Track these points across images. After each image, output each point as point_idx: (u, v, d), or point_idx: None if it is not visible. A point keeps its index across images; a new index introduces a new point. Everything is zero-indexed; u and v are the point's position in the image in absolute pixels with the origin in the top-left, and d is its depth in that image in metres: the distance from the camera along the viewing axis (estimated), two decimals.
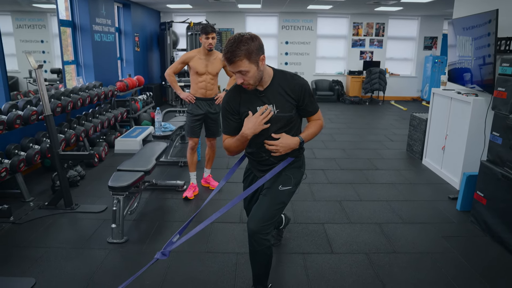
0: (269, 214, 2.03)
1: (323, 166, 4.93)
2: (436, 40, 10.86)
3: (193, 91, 3.81)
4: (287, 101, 1.98)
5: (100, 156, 4.99)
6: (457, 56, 4.42)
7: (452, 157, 4.32)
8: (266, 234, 2.03)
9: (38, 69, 3.31)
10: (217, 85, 3.89)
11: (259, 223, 2.00)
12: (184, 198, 3.88)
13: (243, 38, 1.78)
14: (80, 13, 6.04)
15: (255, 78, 1.87)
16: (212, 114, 3.85)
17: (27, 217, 3.36)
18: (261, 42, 1.85)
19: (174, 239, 2.01)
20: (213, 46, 3.65)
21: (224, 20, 10.66)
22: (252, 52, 1.79)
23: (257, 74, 1.86)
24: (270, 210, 2.04)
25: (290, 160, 2.11)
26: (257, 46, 1.81)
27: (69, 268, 2.63)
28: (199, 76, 3.72)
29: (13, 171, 3.62)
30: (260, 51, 1.84)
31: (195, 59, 3.69)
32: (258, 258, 2.12)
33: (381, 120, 8.23)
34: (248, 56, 1.79)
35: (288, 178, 2.10)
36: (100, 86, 5.93)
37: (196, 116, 3.82)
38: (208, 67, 3.70)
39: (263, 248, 2.05)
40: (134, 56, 8.48)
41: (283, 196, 2.08)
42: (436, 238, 3.13)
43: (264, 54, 1.87)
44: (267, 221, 2.02)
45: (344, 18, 10.81)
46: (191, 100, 3.77)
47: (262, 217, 2.02)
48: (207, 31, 3.58)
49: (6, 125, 3.64)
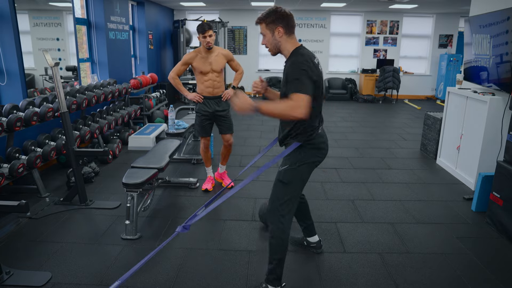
0: (274, 196, 2.27)
1: (336, 164, 4.90)
2: (452, 38, 10.69)
3: (200, 91, 3.80)
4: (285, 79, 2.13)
5: (114, 153, 5.05)
6: (473, 54, 4.35)
7: (467, 157, 4.26)
8: (280, 216, 2.22)
9: (54, 67, 3.36)
10: (223, 82, 3.86)
11: (269, 205, 2.30)
12: (204, 190, 3.99)
13: (271, 9, 2.12)
14: (95, 11, 6.11)
15: (270, 43, 2.15)
16: (220, 111, 3.83)
17: (43, 212, 3.43)
18: (282, 17, 2.10)
19: (198, 212, 2.20)
20: (212, 44, 3.61)
21: (238, 17, 10.66)
22: (269, 22, 2.11)
23: (272, 40, 2.14)
24: (274, 192, 2.28)
25: (297, 144, 2.19)
26: (275, 18, 2.10)
27: (83, 262, 2.67)
28: (204, 75, 3.71)
29: (30, 167, 3.69)
30: (278, 23, 2.10)
31: (197, 59, 3.67)
32: (272, 241, 2.26)
33: (394, 119, 8.15)
34: (265, 22, 2.12)
35: (287, 159, 2.24)
36: (114, 83, 6.00)
37: (205, 116, 3.82)
38: (212, 64, 3.67)
39: (274, 228, 2.24)
40: (147, 53, 8.55)
41: (281, 176, 2.25)
42: (450, 238, 3.09)
43: (282, 26, 2.10)
44: (275, 202, 2.25)
45: (357, 16, 10.71)
46: (198, 99, 3.77)
47: (270, 199, 2.30)
48: (204, 29, 3.55)
49: (23, 122, 3.71)
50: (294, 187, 2.25)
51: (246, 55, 10.96)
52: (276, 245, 2.25)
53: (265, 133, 6.60)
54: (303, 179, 2.27)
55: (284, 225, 2.23)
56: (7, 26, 4.03)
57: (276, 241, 2.24)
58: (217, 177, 4.23)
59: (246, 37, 10.84)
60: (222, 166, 4.19)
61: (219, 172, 4.22)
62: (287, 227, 2.24)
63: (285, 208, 2.23)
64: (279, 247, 2.25)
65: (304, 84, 1.97)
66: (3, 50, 4.09)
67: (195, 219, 2.14)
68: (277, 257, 2.27)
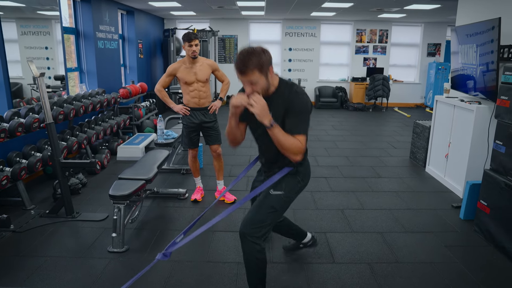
0: (258, 217, 2.09)
1: (325, 174, 4.90)
2: (440, 46, 10.84)
3: (186, 102, 3.77)
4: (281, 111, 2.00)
5: (102, 164, 4.99)
6: (460, 63, 4.40)
7: (456, 165, 4.29)
8: (256, 238, 2.07)
9: (40, 77, 3.32)
10: (209, 93, 3.83)
11: (248, 225, 2.09)
12: (193, 200, 3.95)
13: (255, 50, 1.88)
14: (84, 20, 6.09)
15: (263, 88, 1.95)
16: (207, 123, 3.80)
17: (27, 226, 3.36)
18: (270, 55, 1.94)
19: (177, 239, 2.06)
20: (197, 53, 3.59)
21: (228, 26, 10.70)
22: (263, 64, 1.88)
23: (265, 84, 1.94)
24: (259, 213, 2.11)
25: (288, 170, 2.13)
26: (268, 59, 1.91)
27: (69, 277, 2.62)
28: (189, 86, 3.68)
29: (14, 179, 3.62)
30: (270, 63, 1.93)
31: (181, 70, 3.65)
32: (248, 262, 2.14)
33: (384, 127, 8.20)
34: (259, 68, 1.87)
35: (279, 183, 2.13)
36: (103, 93, 5.95)
37: (192, 127, 3.79)
38: (196, 74, 3.65)
39: (252, 251, 2.08)
40: (137, 63, 8.52)
41: (273, 201, 2.12)
42: (439, 247, 3.09)
43: (271, 64, 1.94)
44: (256, 224, 2.08)
45: (347, 24, 10.82)
46: (185, 112, 3.74)
47: (251, 219, 2.10)
48: (190, 38, 3.52)
49: (8, 133, 3.65)
50: (282, 212, 2.22)
51: None
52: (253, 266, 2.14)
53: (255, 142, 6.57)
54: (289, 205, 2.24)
55: (261, 245, 2.10)
56: None
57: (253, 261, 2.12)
58: (217, 195, 4.03)
59: (236, 45, 10.87)
60: (219, 182, 4.06)
61: (219, 189, 4.07)
62: (264, 246, 2.13)
63: (267, 231, 2.11)
64: (256, 267, 2.14)
65: (308, 124, 2.01)
66: None
67: (175, 247, 2.00)
68: (259, 277, 2.17)
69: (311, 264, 2.82)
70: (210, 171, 4.82)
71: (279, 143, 1.94)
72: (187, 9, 8.62)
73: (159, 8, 8.36)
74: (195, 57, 3.61)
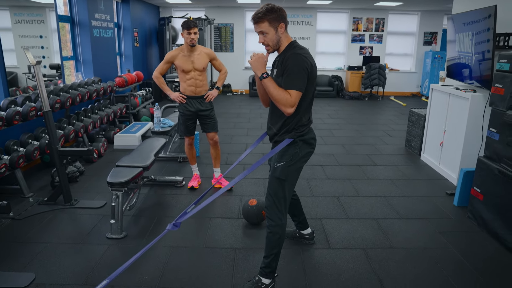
0: (271, 191, 2.30)
1: (321, 161, 4.95)
2: (436, 35, 10.84)
3: (183, 90, 3.78)
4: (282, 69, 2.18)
5: (100, 152, 5.00)
6: (456, 51, 4.42)
7: (450, 153, 4.34)
8: (275, 211, 2.27)
9: (36, 65, 3.31)
10: (206, 82, 3.84)
11: (266, 199, 2.34)
12: (190, 188, 3.99)
13: (270, 6, 2.15)
14: (79, 9, 6.03)
15: (273, 40, 2.19)
16: (203, 111, 3.81)
17: (26, 213, 3.38)
18: (283, 14, 2.18)
19: (188, 209, 2.23)
20: (196, 42, 3.60)
21: (224, 15, 10.63)
22: (273, 19, 2.14)
23: (275, 38, 2.18)
24: (270, 187, 2.31)
25: (288, 141, 2.24)
26: (278, 15, 2.15)
27: (68, 263, 2.65)
28: (186, 74, 3.69)
29: (12, 167, 3.63)
30: (280, 20, 2.16)
31: (179, 57, 3.65)
32: (269, 235, 2.31)
33: (380, 116, 8.24)
34: (269, 20, 2.14)
35: (282, 155, 2.28)
36: (99, 81, 5.93)
37: (188, 116, 3.81)
38: (194, 63, 3.66)
39: (272, 224, 2.29)
40: (133, 51, 8.47)
41: (278, 172, 2.28)
42: (433, 233, 3.15)
43: (284, 23, 2.17)
44: (271, 196, 2.29)
45: (344, 13, 10.78)
46: (181, 100, 3.75)
47: (267, 193, 2.33)
48: (189, 26, 3.53)
49: (5, 121, 3.65)
50: (290, 182, 2.32)
51: (232, 52, 10.94)
52: (274, 240, 2.30)
53: (251, 130, 6.61)
54: (298, 174, 2.36)
55: (282, 220, 2.29)
56: None
57: (274, 236, 2.30)
58: (214, 182, 4.00)
59: (232, 34, 10.82)
60: (216, 169, 4.09)
61: (215, 177, 4.09)
62: (284, 221, 2.31)
63: (283, 204, 2.30)
64: (277, 241, 2.31)
65: (303, 82, 2.12)
66: None
67: (185, 216, 2.17)
68: (274, 252, 2.32)
69: (307, 249, 2.87)
70: (207, 159, 4.85)
71: (270, 94, 2.13)
72: None
73: None
74: (193, 45, 3.61)
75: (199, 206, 2.18)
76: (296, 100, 2.11)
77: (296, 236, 2.97)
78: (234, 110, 8.50)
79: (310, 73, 2.14)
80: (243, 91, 11.16)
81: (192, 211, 2.17)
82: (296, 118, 2.23)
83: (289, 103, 2.09)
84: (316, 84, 2.32)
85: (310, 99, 2.27)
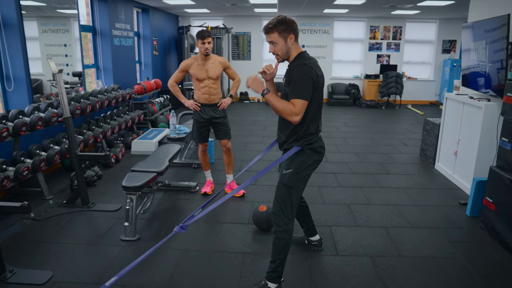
0: (278, 197, 2.38)
1: (334, 169, 4.97)
2: (455, 43, 10.71)
3: (197, 97, 3.89)
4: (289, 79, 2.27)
5: (117, 157, 5.16)
6: (471, 60, 4.40)
7: (464, 162, 4.30)
8: (282, 217, 2.34)
9: (58, 73, 3.48)
10: (220, 90, 3.93)
11: (274, 205, 2.41)
12: (203, 193, 4.08)
13: (281, 18, 2.26)
14: (100, 19, 6.27)
15: (282, 50, 2.28)
16: (216, 119, 3.91)
17: (46, 214, 3.54)
18: (292, 25, 2.26)
19: (195, 213, 2.32)
20: (210, 51, 3.70)
21: (241, 24, 10.80)
22: (282, 29, 2.24)
23: (284, 48, 2.27)
24: (278, 193, 2.38)
25: (296, 149, 2.31)
26: (287, 26, 2.24)
27: (83, 262, 2.77)
28: (201, 82, 3.80)
29: (34, 170, 3.81)
30: (290, 31, 2.25)
31: (193, 66, 3.77)
32: (275, 240, 2.38)
33: (396, 124, 8.18)
34: (278, 31, 2.24)
35: (289, 162, 2.35)
36: (118, 89, 6.13)
37: (202, 123, 3.91)
38: (208, 71, 3.76)
39: (278, 229, 2.35)
40: (152, 59, 8.69)
41: (285, 179, 2.35)
42: (442, 243, 3.14)
43: (293, 34, 2.26)
44: (279, 204, 2.36)
45: (361, 21, 10.78)
46: (195, 108, 3.86)
47: (275, 198, 2.40)
48: (203, 36, 3.64)
49: (28, 127, 3.83)
50: (298, 189, 2.38)
51: (250, 60, 11.08)
52: (280, 245, 2.36)
53: (266, 138, 6.68)
54: (305, 182, 2.42)
55: (288, 226, 2.36)
56: (14, 34, 4.17)
57: (280, 241, 2.36)
58: (228, 189, 3.94)
59: (250, 42, 10.97)
60: (229, 176, 4.17)
61: (228, 183, 4.10)
62: (291, 227, 2.37)
63: (289, 210, 2.36)
64: (283, 247, 2.36)
65: (307, 91, 2.18)
66: (11, 57, 4.23)
67: (192, 219, 2.27)
68: (280, 257, 2.38)
69: (315, 256, 2.91)
70: (221, 166, 4.94)
71: (274, 107, 2.22)
72: (200, 6, 8.75)
73: (173, 5, 8.51)
74: (207, 54, 3.72)
75: (206, 210, 2.26)
76: (301, 109, 2.17)
77: (305, 243, 3.01)
78: (250, 118, 8.59)
79: (315, 83, 2.20)
80: (260, 99, 11.26)
81: (199, 214, 2.25)
82: (304, 127, 2.29)
83: (294, 112, 2.16)
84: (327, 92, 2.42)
85: (316, 108, 2.32)
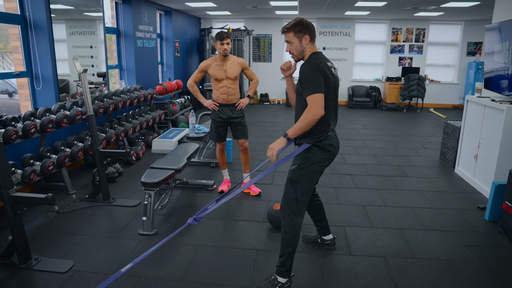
0: (286, 193, 2.45)
1: (351, 171, 4.96)
2: (481, 45, 10.46)
3: (215, 97, 3.97)
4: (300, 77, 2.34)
5: (138, 155, 5.32)
6: (494, 62, 4.32)
7: (485, 166, 4.22)
8: (288, 211, 2.40)
9: (83, 73, 3.63)
10: (238, 90, 4.00)
11: (282, 200, 2.48)
12: (220, 191, 4.17)
13: (297, 19, 2.36)
14: (124, 21, 6.47)
15: (297, 50, 2.38)
16: (234, 119, 3.98)
17: (69, 208, 3.70)
18: (308, 27, 2.35)
19: (209, 206, 2.40)
20: (228, 52, 3.78)
21: (262, 26, 10.89)
22: (298, 30, 2.34)
23: (299, 47, 2.37)
24: (286, 189, 2.46)
25: (307, 145, 2.37)
26: (303, 27, 2.34)
27: (103, 254, 2.89)
28: (219, 82, 3.87)
29: (59, 166, 3.98)
30: (305, 32, 2.34)
31: (212, 66, 3.85)
32: (282, 234, 2.43)
33: (417, 128, 8.07)
34: (294, 31, 2.34)
35: (296, 158, 2.45)
36: (141, 89, 6.30)
37: (220, 122, 3.98)
38: (226, 72, 3.84)
39: (285, 223, 2.42)
40: (174, 61, 8.88)
41: (292, 174, 2.44)
42: (458, 246, 3.10)
43: (308, 35, 2.35)
44: (285, 199, 2.44)
45: (382, 23, 10.69)
46: (213, 107, 3.94)
47: (283, 194, 2.49)
48: (222, 37, 3.72)
49: (55, 124, 4.01)
50: (302, 185, 2.42)
51: (270, 62, 11.15)
52: (287, 239, 2.41)
53: None
54: (311, 178, 2.45)
55: (295, 220, 2.40)
56: (43, 36, 4.38)
57: (287, 235, 2.41)
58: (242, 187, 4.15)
59: (271, 45, 11.04)
60: (246, 175, 4.24)
61: (245, 182, 4.16)
62: (298, 222, 2.41)
63: (295, 205, 2.40)
64: (290, 241, 2.41)
65: (319, 84, 2.24)
66: (40, 58, 4.44)
67: (205, 212, 2.36)
68: (288, 251, 2.43)
69: (327, 254, 2.93)
70: (238, 165, 5.01)
71: (303, 129, 2.27)
72: (222, 9, 8.88)
73: (195, 8, 8.67)
74: (226, 55, 3.80)
75: (219, 203, 2.34)
76: (318, 101, 2.22)
77: (318, 241, 3.04)
78: (269, 119, 8.65)
79: (325, 77, 2.25)
80: (280, 101, 11.31)
81: (212, 207, 2.33)
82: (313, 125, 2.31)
83: (312, 113, 2.21)
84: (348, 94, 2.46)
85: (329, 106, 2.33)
